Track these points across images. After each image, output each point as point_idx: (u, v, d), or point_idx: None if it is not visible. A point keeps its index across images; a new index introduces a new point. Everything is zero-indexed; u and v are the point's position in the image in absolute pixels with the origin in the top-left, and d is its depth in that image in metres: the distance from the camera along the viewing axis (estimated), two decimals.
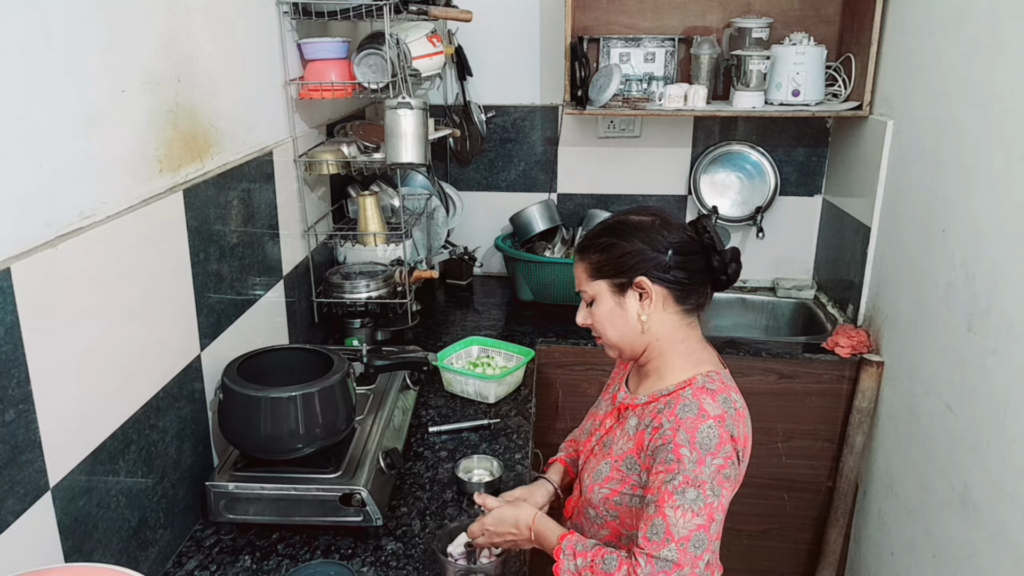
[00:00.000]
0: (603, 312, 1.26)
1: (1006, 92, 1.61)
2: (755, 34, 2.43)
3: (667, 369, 1.26)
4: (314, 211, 2.10)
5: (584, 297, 1.29)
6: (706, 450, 1.13)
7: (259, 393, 1.38)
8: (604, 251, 1.25)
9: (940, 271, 1.86)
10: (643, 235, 1.23)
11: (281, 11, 1.84)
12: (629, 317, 1.24)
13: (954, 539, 1.73)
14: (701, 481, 1.12)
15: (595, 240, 1.27)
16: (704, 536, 1.12)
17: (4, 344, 0.96)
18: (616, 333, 1.27)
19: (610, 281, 1.24)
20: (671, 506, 1.11)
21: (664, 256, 1.22)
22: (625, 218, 1.28)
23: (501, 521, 1.27)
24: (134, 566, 1.25)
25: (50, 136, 1.05)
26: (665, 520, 1.11)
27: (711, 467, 1.13)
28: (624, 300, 1.24)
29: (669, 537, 1.10)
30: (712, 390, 1.19)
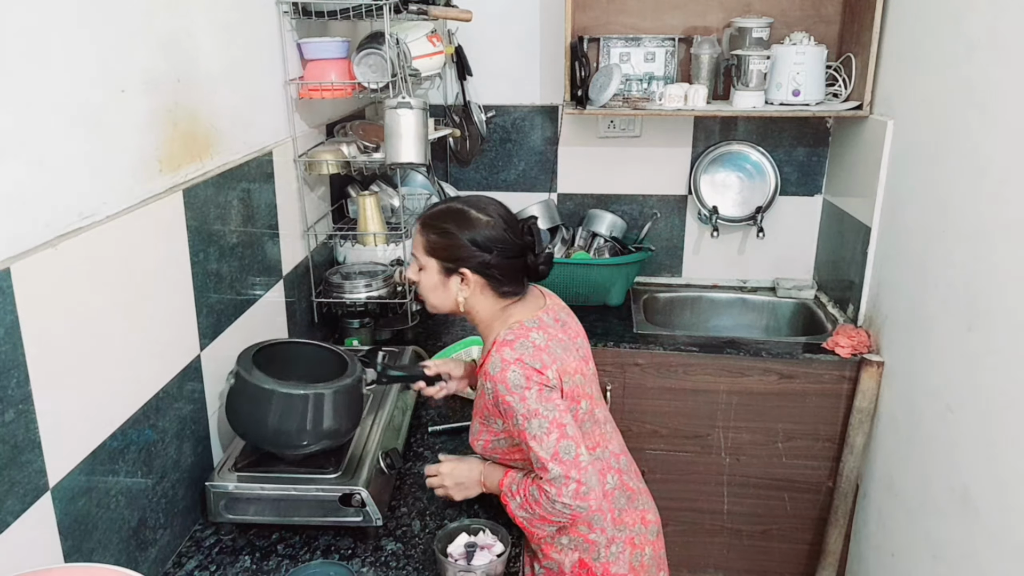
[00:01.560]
0: (429, 282, 1.48)
1: (1006, 92, 1.61)
2: (755, 34, 2.43)
3: (489, 334, 1.49)
4: (314, 211, 2.10)
5: (416, 262, 1.49)
6: (519, 387, 1.34)
7: (273, 387, 1.38)
8: (441, 236, 1.44)
9: (940, 271, 1.86)
10: (476, 233, 1.42)
11: (281, 11, 1.84)
12: (450, 294, 1.47)
13: (954, 540, 1.73)
14: (534, 411, 1.34)
15: (436, 222, 1.46)
16: (568, 443, 1.34)
17: (4, 344, 0.96)
18: (436, 300, 1.50)
19: (440, 262, 1.45)
20: (530, 439, 1.34)
21: (488, 255, 1.42)
22: (465, 210, 1.45)
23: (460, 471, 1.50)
24: (134, 566, 1.25)
25: (50, 136, 1.05)
26: (534, 452, 1.34)
27: (532, 397, 1.34)
28: (448, 280, 1.45)
29: (542, 460, 1.33)
30: (510, 340, 1.39)
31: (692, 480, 2.41)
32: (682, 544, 2.46)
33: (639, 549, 1.52)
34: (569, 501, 1.32)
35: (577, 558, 1.47)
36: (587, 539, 1.46)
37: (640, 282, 2.81)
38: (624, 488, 1.52)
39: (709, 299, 2.79)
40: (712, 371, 2.30)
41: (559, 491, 1.32)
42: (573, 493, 1.32)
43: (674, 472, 2.40)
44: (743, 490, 2.43)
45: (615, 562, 1.48)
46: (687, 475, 2.40)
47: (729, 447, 2.38)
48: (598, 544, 1.47)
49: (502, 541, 1.36)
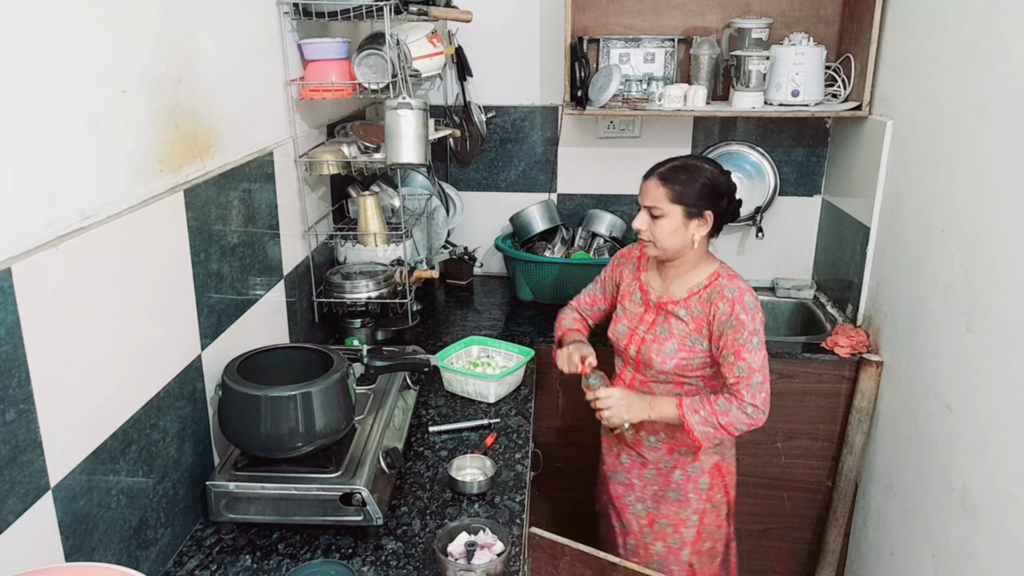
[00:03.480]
0: (668, 227, 1.69)
1: (1006, 92, 1.61)
2: (755, 34, 2.43)
3: (696, 270, 1.76)
4: (314, 211, 2.10)
5: (653, 212, 1.69)
6: (753, 310, 1.68)
7: (259, 392, 1.38)
8: (687, 185, 1.67)
9: (939, 271, 1.86)
10: (716, 180, 1.69)
11: (281, 11, 1.85)
12: (687, 236, 1.70)
13: (953, 538, 1.73)
14: (757, 330, 1.67)
15: (678, 174, 1.68)
16: (767, 365, 1.67)
17: (5, 344, 0.96)
18: (672, 243, 1.70)
19: (685, 208, 1.67)
20: (747, 351, 1.65)
21: (722, 200, 1.70)
22: (700, 165, 1.70)
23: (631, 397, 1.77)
24: (135, 566, 1.26)
25: (51, 136, 1.05)
26: (745, 362, 1.65)
27: (758, 320, 1.68)
28: (689, 223, 1.69)
29: (751, 370, 1.65)
30: (734, 275, 1.74)
31: None
32: None
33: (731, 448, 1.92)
34: (760, 404, 1.64)
35: (715, 461, 1.85)
36: (724, 445, 1.86)
37: None
38: None
39: None
40: None
41: (754, 395, 1.64)
42: (764, 400, 1.65)
43: None
44: (743, 490, 2.41)
45: (732, 461, 1.91)
46: None
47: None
48: (725, 448, 1.87)
49: (502, 540, 1.37)
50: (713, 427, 1.66)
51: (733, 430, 1.66)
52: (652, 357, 1.77)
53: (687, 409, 1.68)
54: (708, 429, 1.66)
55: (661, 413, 1.73)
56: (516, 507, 1.55)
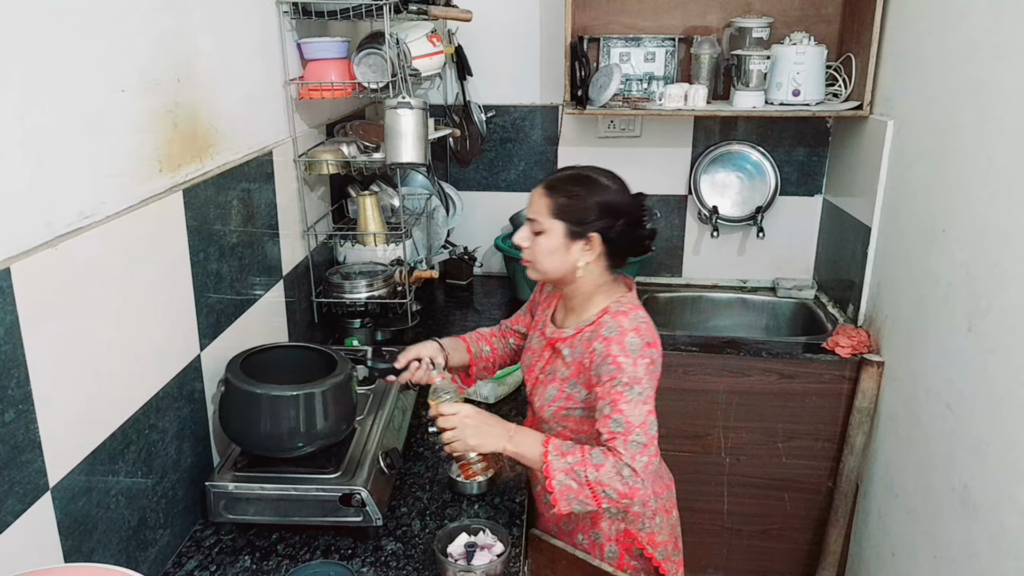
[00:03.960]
0: (548, 246, 1.44)
1: (1006, 92, 1.61)
2: (755, 34, 2.43)
3: (588, 304, 1.48)
4: (314, 211, 2.10)
5: (533, 227, 1.45)
6: (636, 353, 1.37)
7: (261, 390, 1.38)
8: (573, 198, 1.42)
9: (940, 271, 1.86)
10: (609, 197, 1.43)
11: (281, 11, 1.84)
12: (569, 259, 1.44)
13: (954, 539, 1.73)
14: (639, 378, 1.35)
15: (566, 184, 1.44)
16: (654, 420, 1.36)
17: (4, 344, 0.96)
18: (551, 266, 1.45)
19: (567, 225, 1.42)
20: (624, 403, 1.33)
21: (617, 222, 1.43)
22: (594, 176, 1.46)
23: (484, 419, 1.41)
24: (134, 566, 1.25)
25: (50, 136, 1.05)
26: (622, 414, 1.33)
27: (643, 365, 1.36)
28: (572, 244, 1.43)
29: (630, 425, 1.32)
30: (624, 311, 1.42)
31: (692, 480, 2.41)
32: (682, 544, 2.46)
33: (669, 513, 1.61)
34: (639, 469, 1.30)
35: (623, 528, 1.54)
36: (631, 512, 1.53)
37: (640, 282, 2.81)
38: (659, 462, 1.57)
39: (709, 299, 2.80)
40: (712, 371, 2.30)
41: (633, 456, 1.30)
42: (645, 467, 1.31)
43: (674, 472, 2.36)
44: (743, 490, 2.43)
45: (659, 531, 1.56)
46: (687, 475, 2.39)
47: (729, 447, 2.38)
48: (642, 516, 1.54)
49: (502, 541, 1.36)
50: (577, 481, 1.30)
51: (601, 493, 1.30)
52: (535, 401, 1.55)
53: (553, 450, 1.33)
54: (570, 483, 1.30)
55: (520, 448, 1.37)
56: (516, 508, 1.55)
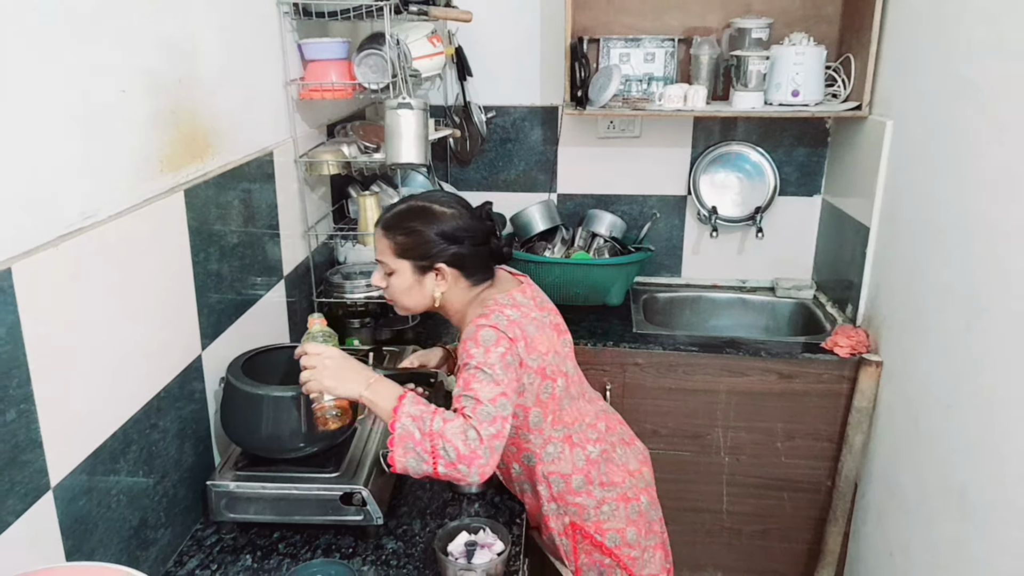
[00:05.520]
0: (401, 285, 1.46)
1: (1006, 92, 1.61)
2: (755, 34, 2.43)
3: (465, 320, 1.49)
4: (315, 211, 2.10)
5: (384, 268, 1.47)
6: (488, 343, 1.35)
7: (262, 391, 1.38)
8: (409, 235, 1.43)
9: (939, 271, 1.86)
10: (444, 225, 1.43)
11: (281, 11, 1.85)
12: (425, 292, 1.46)
13: (953, 539, 1.73)
14: (491, 364, 1.33)
15: (401, 223, 1.44)
16: (505, 401, 1.31)
17: (5, 344, 0.96)
18: (411, 302, 1.49)
19: (412, 263, 1.44)
20: (475, 382, 1.31)
21: (459, 246, 1.43)
22: (428, 206, 1.46)
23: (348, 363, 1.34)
24: (135, 565, 1.26)
25: (51, 136, 1.05)
26: (472, 391, 1.30)
27: (496, 353, 1.34)
28: (423, 279, 1.45)
29: (479, 399, 1.29)
30: (484, 314, 1.41)
31: (692, 480, 2.41)
32: (682, 544, 2.46)
33: (634, 500, 1.58)
34: (485, 437, 1.25)
35: (568, 521, 1.55)
36: (573, 503, 1.53)
37: (640, 282, 2.82)
38: (607, 452, 1.58)
39: (708, 299, 2.80)
40: (712, 371, 2.31)
41: (481, 423, 1.26)
42: (490, 436, 1.26)
43: (674, 472, 2.40)
44: (743, 490, 2.43)
45: (608, 519, 1.55)
46: (687, 475, 2.41)
47: (729, 447, 2.38)
48: (586, 507, 1.54)
49: (503, 540, 1.37)
50: (421, 430, 1.25)
51: (441, 449, 1.24)
52: None
53: (409, 400, 1.29)
54: (414, 430, 1.25)
55: (377, 396, 1.30)
56: (516, 507, 1.56)
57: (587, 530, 1.54)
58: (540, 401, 1.47)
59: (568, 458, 1.52)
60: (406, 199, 1.51)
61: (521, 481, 1.57)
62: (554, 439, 1.51)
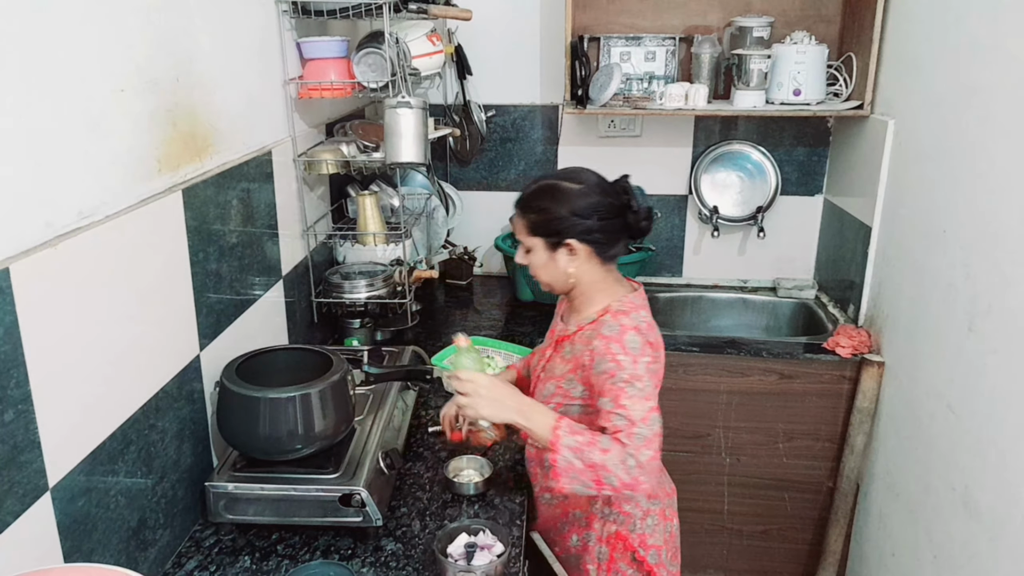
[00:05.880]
0: (538, 261, 1.50)
1: (1006, 92, 1.60)
2: (756, 33, 2.42)
3: (588, 304, 1.51)
4: (313, 211, 2.10)
5: (521, 246, 1.52)
6: (636, 351, 1.38)
7: (258, 393, 1.37)
8: (540, 213, 1.47)
9: (941, 271, 1.86)
10: (573, 203, 1.45)
11: (280, 10, 1.84)
12: (559, 268, 1.48)
13: (955, 540, 1.73)
14: (639, 374, 1.36)
15: (532, 202, 1.49)
16: (656, 416, 1.35)
17: (3, 344, 0.95)
18: (548, 277, 1.51)
19: (544, 240, 1.47)
20: (626, 398, 1.34)
21: (590, 221, 1.44)
22: (557, 183, 1.48)
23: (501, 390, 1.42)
24: (133, 566, 1.25)
25: (49, 136, 1.04)
26: (624, 409, 1.33)
27: (643, 363, 1.37)
28: (555, 255, 1.47)
29: (631, 419, 1.32)
30: (624, 311, 1.44)
31: (692, 480, 2.41)
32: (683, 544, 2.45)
33: (669, 520, 1.61)
34: (644, 463, 1.29)
35: (614, 530, 1.54)
36: (623, 511, 1.53)
37: (641, 282, 2.81)
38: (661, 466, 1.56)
39: (709, 299, 2.79)
40: (712, 371, 2.30)
41: (638, 448, 1.29)
42: (649, 461, 1.30)
43: (674, 472, 2.36)
44: (743, 490, 2.43)
45: (651, 534, 1.55)
46: (687, 475, 2.40)
47: (729, 447, 2.38)
48: (633, 516, 1.54)
49: (502, 541, 1.36)
50: (582, 461, 1.30)
51: (604, 478, 1.29)
52: (536, 398, 1.54)
53: (564, 428, 1.34)
54: (575, 461, 1.30)
55: (533, 421, 1.37)
56: (516, 508, 1.55)
57: (631, 542, 1.53)
58: None
59: None
60: (538, 178, 1.54)
61: None
62: None
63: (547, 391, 1.52)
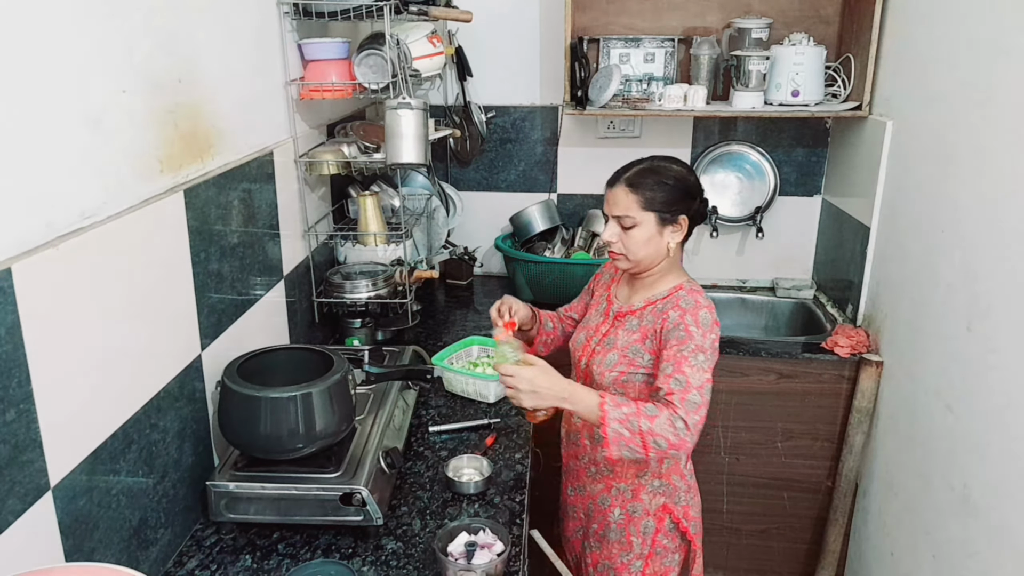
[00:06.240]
0: (642, 236, 1.56)
1: (1006, 92, 1.61)
2: (755, 34, 2.43)
3: (662, 281, 1.62)
4: (315, 211, 2.10)
5: (624, 222, 1.57)
6: (706, 327, 1.51)
7: (259, 393, 1.38)
8: (657, 190, 1.55)
9: (940, 271, 1.86)
10: (686, 183, 1.57)
11: (281, 11, 1.85)
12: (662, 244, 1.57)
13: (954, 539, 1.73)
14: (705, 348, 1.49)
15: (646, 179, 1.56)
16: (710, 387, 1.47)
17: (5, 344, 0.96)
18: (645, 253, 1.58)
19: (658, 214, 1.55)
20: (688, 366, 1.46)
21: (695, 202, 1.58)
22: (667, 165, 1.58)
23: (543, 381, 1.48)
24: (135, 565, 1.25)
25: (51, 136, 1.05)
26: (684, 375, 1.45)
27: (710, 339, 1.51)
28: (663, 230, 1.57)
29: (689, 385, 1.44)
30: (697, 290, 1.59)
31: None
32: None
33: (699, 496, 1.74)
34: (692, 425, 1.41)
35: (662, 502, 1.65)
36: (673, 483, 1.65)
37: None
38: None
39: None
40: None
41: (688, 412, 1.42)
42: (696, 424, 1.42)
43: None
44: (743, 489, 2.43)
45: (692, 506, 1.70)
46: None
47: (729, 446, 2.38)
48: (679, 489, 1.66)
49: (502, 540, 1.37)
50: (630, 430, 1.41)
51: (652, 443, 1.40)
52: (594, 369, 1.64)
53: (610, 403, 1.43)
54: (623, 431, 1.41)
55: (578, 404, 1.47)
56: (516, 507, 1.55)
57: (676, 514, 1.65)
58: None
59: None
60: (639, 160, 1.61)
61: None
62: None
63: (609, 361, 1.61)
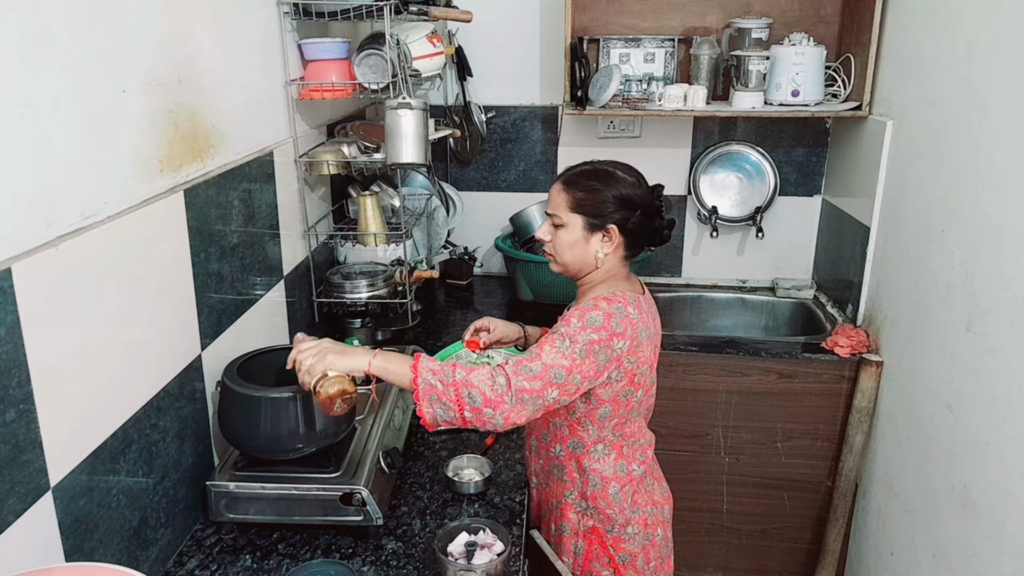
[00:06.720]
0: (568, 239, 1.48)
1: (1006, 92, 1.61)
2: (755, 34, 2.43)
3: (591, 292, 1.51)
4: (315, 211, 2.10)
5: (554, 220, 1.50)
6: (590, 324, 1.38)
7: (259, 393, 1.38)
8: (590, 192, 1.46)
9: (940, 271, 1.86)
10: (623, 190, 1.46)
11: (281, 11, 1.85)
12: (588, 251, 1.48)
13: (954, 539, 1.73)
14: (576, 339, 1.36)
15: (582, 179, 1.48)
16: (563, 373, 1.35)
17: (5, 344, 0.96)
18: (571, 258, 1.49)
19: (586, 219, 1.46)
20: (549, 346, 1.36)
21: (634, 213, 1.46)
22: (611, 170, 1.49)
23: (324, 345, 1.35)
24: (135, 565, 1.26)
25: (51, 136, 1.05)
26: (538, 351, 1.36)
27: (587, 335, 1.37)
28: (590, 237, 1.47)
29: (536, 358, 1.35)
30: (609, 299, 1.43)
31: (692, 480, 2.41)
32: (682, 543, 2.45)
33: (651, 530, 1.59)
34: (515, 387, 1.31)
35: (592, 525, 1.55)
36: (604, 512, 1.54)
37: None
38: (645, 478, 1.60)
39: (709, 299, 2.80)
40: (712, 371, 2.31)
41: (517, 373, 1.32)
42: (520, 388, 1.31)
43: (674, 472, 2.38)
44: (743, 489, 2.43)
45: (628, 541, 1.56)
46: (687, 475, 2.40)
47: (729, 446, 2.38)
48: (614, 520, 1.54)
49: (502, 540, 1.37)
50: (443, 381, 1.30)
51: (466, 396, 1.29)
52: None
53: (424, 357, 1.35)
54: (436, 382, 1.30)
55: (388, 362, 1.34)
56: (516, 507, 1.55)
57: (605, 540, 1.55)
58: (616, 401, 1.47)
59: (612, 465, 1.53)
60: (589, 162, 1.53)
61: (554, 466, 1.57)
62: (607, 440, 1.52)
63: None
